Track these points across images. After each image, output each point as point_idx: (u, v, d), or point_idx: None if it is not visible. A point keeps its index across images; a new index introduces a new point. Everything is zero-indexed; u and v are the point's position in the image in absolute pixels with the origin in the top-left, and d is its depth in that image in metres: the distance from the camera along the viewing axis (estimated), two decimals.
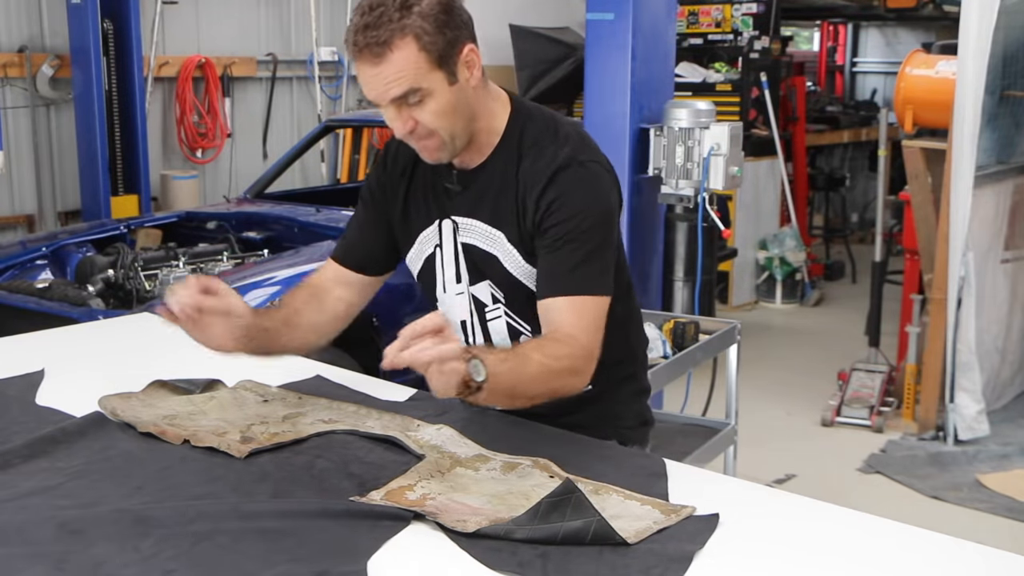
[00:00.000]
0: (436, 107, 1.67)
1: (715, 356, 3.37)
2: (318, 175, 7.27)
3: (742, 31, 6.94)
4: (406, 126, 1.68)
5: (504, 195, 1.77)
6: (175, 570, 1.25)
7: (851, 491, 3.94)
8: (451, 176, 1.82)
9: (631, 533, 1.35)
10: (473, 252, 1.81)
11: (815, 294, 7.07)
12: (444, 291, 1.87)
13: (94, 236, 4.30)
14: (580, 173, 1.73)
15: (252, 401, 1.87)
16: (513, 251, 1.77)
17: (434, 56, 1.64)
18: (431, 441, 1.67)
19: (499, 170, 1.79)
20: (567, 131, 1.80)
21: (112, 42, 5.85)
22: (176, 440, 1.67)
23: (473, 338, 1.87)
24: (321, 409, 1.83)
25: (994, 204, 4.66)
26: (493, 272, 1.80)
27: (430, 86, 1.65)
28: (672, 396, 3.99)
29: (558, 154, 1.74)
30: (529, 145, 1.78)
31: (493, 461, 1.60)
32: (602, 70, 4.21)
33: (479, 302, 1.84)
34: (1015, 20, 4.62)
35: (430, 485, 1.52)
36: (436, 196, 1.85)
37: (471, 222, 1.80)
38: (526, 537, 1.33)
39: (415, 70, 1.63)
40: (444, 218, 1.84)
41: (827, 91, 11.27)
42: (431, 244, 1.86)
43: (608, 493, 1.48)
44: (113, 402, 1.79)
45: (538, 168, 1.74)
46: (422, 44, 1.62)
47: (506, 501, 1.46)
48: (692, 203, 4.35)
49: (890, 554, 1.35)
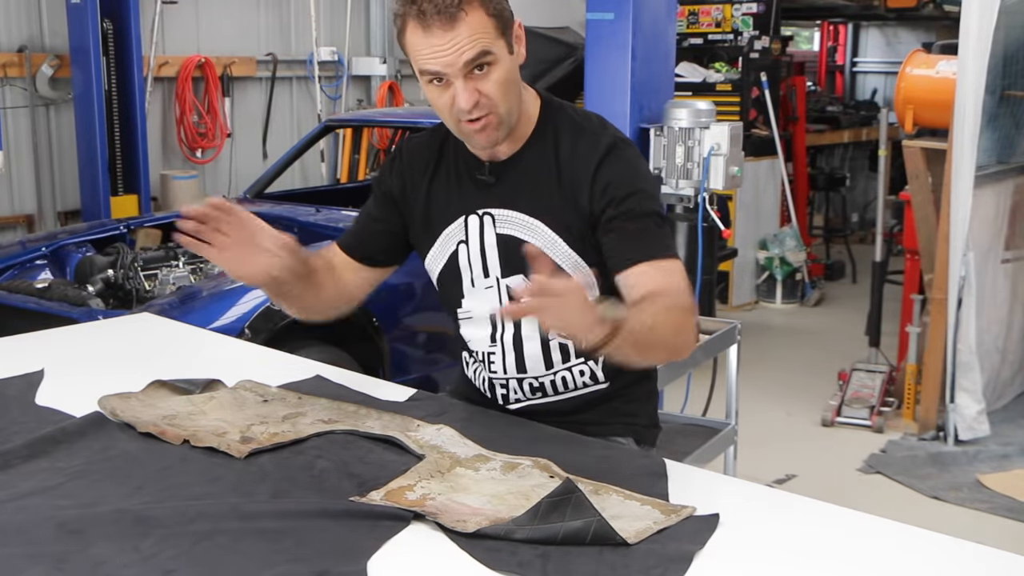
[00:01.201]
0: (500, 76, 1.67)
1: (715, 356, 3.37)
2: (318, 175, 7.27)
3: (742, 31, 6.94)
4: (472, 98, 1.66)
5: (544, 183, 1.78)
6: (175, 570, 1.24)
7: (851, 491, 3.94)
8: (483, 168, 1.81)
9: (631, 533, 1.35)
10: (511, 243, 1.79)
11: (815, 294, 7.07)
12: (473, 285, 1.85)
13: (94, 236, 4.29)
14: (627, 153, 1.77)
15: (252, 401, 1.86)
16: (556, 238, 1.77)
17: (500, 23, 1.66)
18: (431, 441, 1.67)
19: (536, 159, 1.79)
20: (595, 118, 1.83)
21: (112, 42, 5.85)
22: (176, 440, 1.67)
23: (503, 331, 1.86)
24: (321, 409, 1.83)
25: (994, 204, 4.66)
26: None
27: (499, 52, 1.66)
28: (672, 396, 3.99)
29: (600, 138, 1.77)
30: (565, 133, 1.79)
31: (493, 461, 1.60)
32: (602, 70, 4.21)
33: (512, 296, 1.83)
34: (1015, 20, 4.62)
35: (430, 485, 1.51)
36: (462, 192, 1.84)
37: (508, 213, 1.80)
38: (526, 537, 1.33)
39: (487, 33, 1.64)
40: (470, 214, 1.83)
41: (827, 91, 11.27)
42: (455, 241, 1.85)
43: (608, 493, 1.48)
44: (112, 402, 1.79)
45: (582, 152, 1.76)
46: (490, 9, 1.64)
47: (506, 501, 1.46)
48: (692, 203, 4.35)
49: (890, 554, 1.35)
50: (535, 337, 1.83)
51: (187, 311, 3.25)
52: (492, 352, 1.88)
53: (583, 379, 1.87)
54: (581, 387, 1.88)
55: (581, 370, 1.86)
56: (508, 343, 1.85)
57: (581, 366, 1.86)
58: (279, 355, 2.31)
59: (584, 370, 1.86)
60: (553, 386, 1.87)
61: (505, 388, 1.90)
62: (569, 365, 1.86)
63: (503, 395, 1.91)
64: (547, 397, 1.89)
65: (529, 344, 1.84)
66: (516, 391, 1.89)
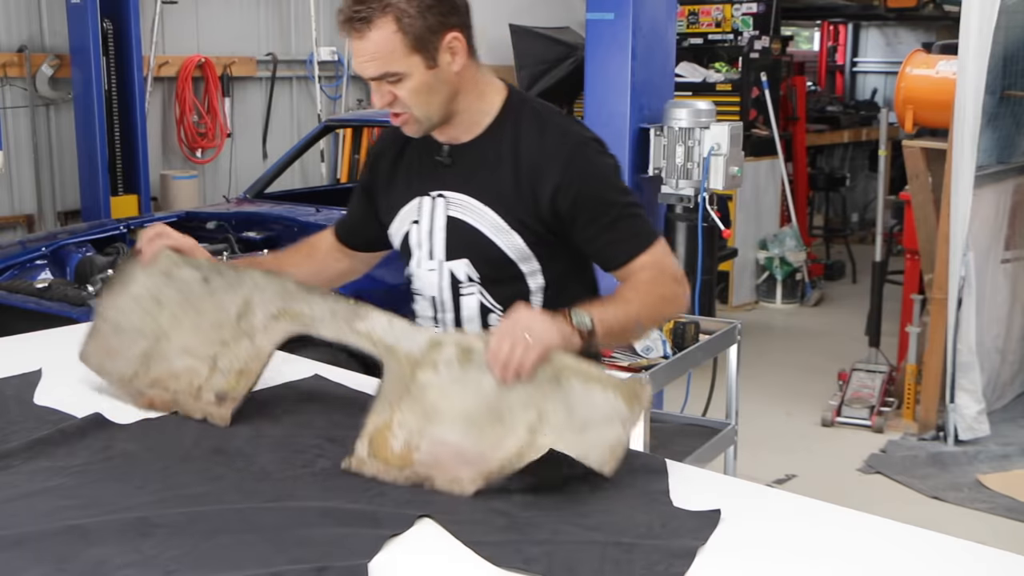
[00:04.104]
0: (411, 87, 1.72)
1: (715, 356, 3.37)
2: (318, 175, 7.26)
3: (742, 31, 6.94)
4: (384, 99, 1.74)
5: (499, 172, 1.82)
6: (176, 570, 1.24)
7: (851, 491, 3.93)
8: (442, 150, 1.86)
9: (605, 458, 1.45)
10: (459, 226, 1.84)
11: (815, 294, 7.07)
12: (419, 266, 1.92)
13: (94, 236, 4.29)
14: (595, 148, 1.83)
15: (199, 293, 1.85)
16: (504, 225, 1.81)
17: (411, 39, 1.68)
18: (385, 339, 1.67)
19: (493, 148, 1.83)
20: (560, 114, 1.89)
21: (112, 42, 5.84)
22: (166, 410, 1.76)
23: (443, 314, 1.91)
24: (267, 300, 1.80)
25: (994, 204, 4.66)
26: (475, 248, 1.84)
27: (405, 70, 1.70)
28: (672, 396, 3.99)
29: (565, 137, 1.80)
30: (528, 125, 1.82)
31: (447, 348, 1.61)
32: (602, 70, 4.21)
33: (455, 279, 1.88)
34: (1015, 20, 4.62)
35: (405, 418, 1.56)
36: (422, 173, 1.90)
37: (461, 197, 1.85)
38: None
39: (390, 53, 1.68)
40: (424, 195, 1.88)
41: (827, 91, 11.27)
42: (409, 220, 1.91)
43: (568, 379, 1.52)
44: (91, 351, 1.89)
45: (546, 146, 1.79)
46: (401, 26, 1.67)
47: (483, 431, 1.52)
48: (692, 203, 4.35)
49: (890, 554, 1.35)
50: (475, 320, 1.89)
51: None
52: None
53: None
54: None
55: None
56: (450, 325, 1.92)
57: None
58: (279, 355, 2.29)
59: None
60: None
61: None
62: None
63: None
64: None
65: (469, 327, 1.90)
66: None
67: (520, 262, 1.83)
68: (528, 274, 1.85)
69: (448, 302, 1.89)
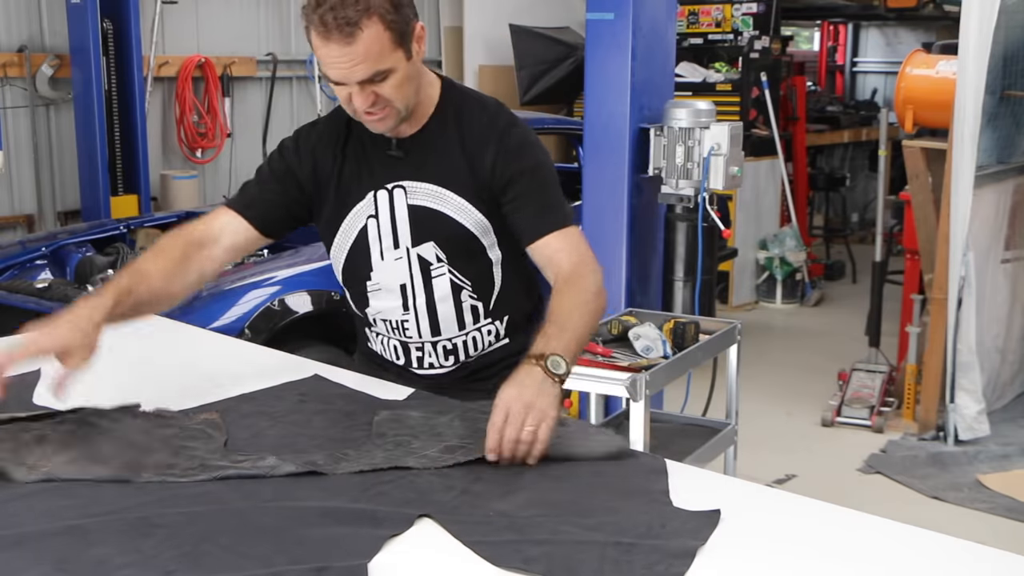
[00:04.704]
0: (396, 82, 1.76)
1: (715, 356, 3.37)
2: None
3: (742, 31, 6.94)
4: (367, 100, 1.76)
5: (449, 155, 1.90)
6: (176, 570, 1.24)
7: (851, 491, 3.94)
8: (391, 145, 1.91)
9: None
10: (422, 212, 1.91)
11: (815, 294, 7.07)
12: (382, 258, 1.95)
13: (94, 236, 4.30)
14: (523, 130, 1.93)
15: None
16: (465, 204, 1.90)
17: (396, 35, 1.72)
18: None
19: (440, 134, 1.91)
20: (492, 98, 1.98)
21: (112, 42, 5.84)
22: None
23: (415, 299, 1.95)
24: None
25: (994, 204, 4.66)
26: (440, 229, 1.91)
27: (392, 65, 1.74)
28: (672, 396, 3.99)
29: (498, 117, 1.92)
30: (467, 109, 1.92)
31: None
32: (602, 70, 4.20)
33: (424, 261, 1.93)
34: (1015, 20, 4.62)
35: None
36: (372, 170, 1.93)
37: (419, 184, 1.91)
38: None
39: (380, 51, 1.71)
40: (379, 188, 1.92)
41: (827, 91, 11.27)
42: (364, 216, 1.94)
43: None
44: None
45: (482, 127, 1.90)
46: (386, 24, 1.70)
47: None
48: (692, 203, 4.35)
49: (890, 554, 1.35)
50: (448, 299, 1.95)
51: (187, 311, 3.24)
52: (406, 320, 1.98)
53: (489, 338, 2.02)
54: (487, 346, 2.02)
55: (488, 329, 2.01)
56: (422, 308, 1.96)
57: (488, 326, 2.01)
58: (279, 355, 2.31)
59: (491, 329, 2.02)
60: (464, 347, 2.00)
61: (421, 351, 2.01)
62: (479, 326, 2.00)
63: (418, 358, 2.02)
64: (459, 362, 2.01)
65: (443, 306, 1.95)
66: (431, 354, 2.01)
67: (482, 236, 1.93)
68: (488, 247, 1.94)
69: (420, 286, 1.94)
